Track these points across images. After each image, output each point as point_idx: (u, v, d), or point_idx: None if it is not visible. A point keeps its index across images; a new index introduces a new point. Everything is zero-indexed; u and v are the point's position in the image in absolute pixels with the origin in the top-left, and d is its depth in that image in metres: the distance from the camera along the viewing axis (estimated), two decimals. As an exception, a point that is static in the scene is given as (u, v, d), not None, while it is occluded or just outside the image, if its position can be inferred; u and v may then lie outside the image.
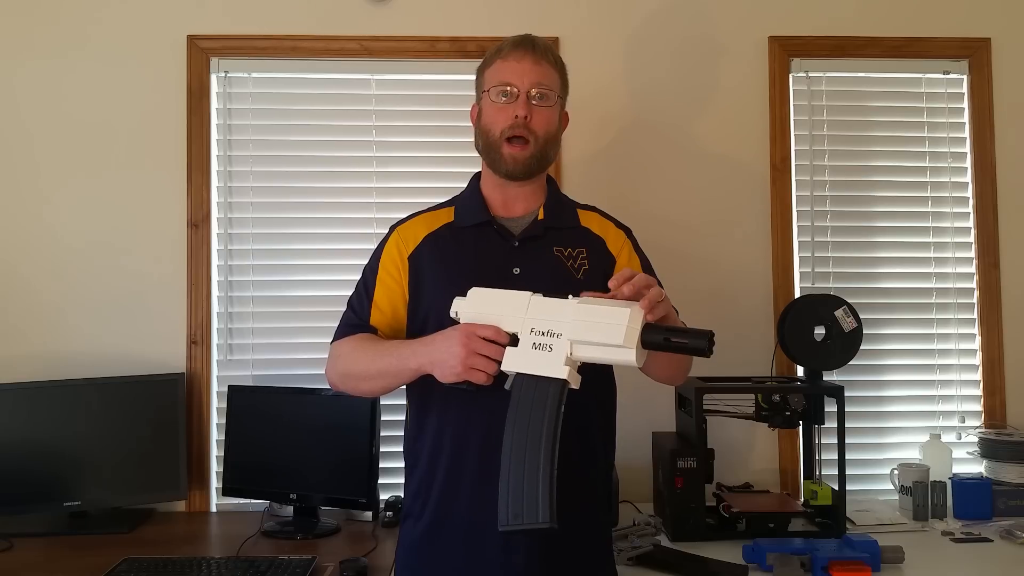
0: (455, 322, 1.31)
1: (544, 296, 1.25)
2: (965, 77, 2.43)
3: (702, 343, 1.14)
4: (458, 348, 1.24)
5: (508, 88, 1.44)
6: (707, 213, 2.38)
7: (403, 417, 1.58)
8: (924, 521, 2.08)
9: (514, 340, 1.24)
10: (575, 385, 1.21)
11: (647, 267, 1.55)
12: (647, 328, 1.17)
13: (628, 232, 1.57)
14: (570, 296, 1.23)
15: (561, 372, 1.19)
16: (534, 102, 1.44)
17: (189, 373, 2.27)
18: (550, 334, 1.21)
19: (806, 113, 2.41)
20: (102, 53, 2.32)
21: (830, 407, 2.04)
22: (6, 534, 2.01)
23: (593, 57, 2.36)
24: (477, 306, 1.29)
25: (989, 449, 2.22)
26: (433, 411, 1.43)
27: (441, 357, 1.27)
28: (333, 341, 1.51)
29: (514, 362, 1.22)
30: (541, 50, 1.46)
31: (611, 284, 1.21)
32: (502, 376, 1.24)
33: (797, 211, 2.40)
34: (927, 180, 2.43)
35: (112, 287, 2.29)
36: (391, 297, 1.48)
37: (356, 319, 1.49)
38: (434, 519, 1.42)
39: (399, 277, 1.48)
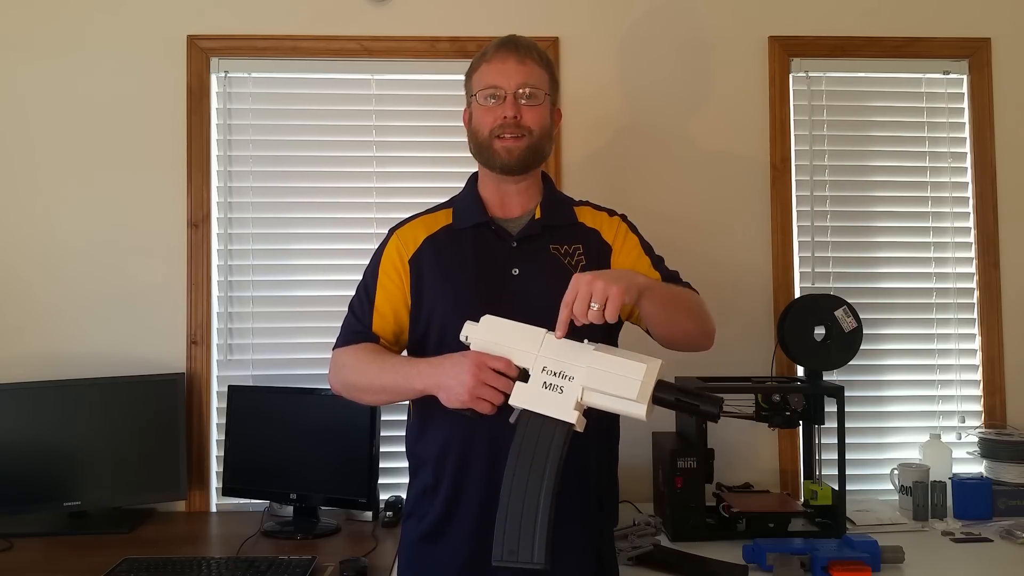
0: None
1: (557, 336, 1.23)
2: (965, 77, 2.43)
3: (712, 409, 1.18)
4: (467, 377, 1.23)
5: (495, 91, 1.44)
6: (707, 213, 2.38)
7: (403, 417, 1.58)
8: (924, 521, 2.08)
9: (523, 375, 1.24)
10: (580, 429, 1.21)
11: (645, 245, 1.54)
12: (659, 386, 1.19)
13: (622, 216, 1.56)
14: (586, 340, 1.23)
15: (570, 416, 1.20)
16: (522, 102, 1.43)
17: (189, 373, 2.27)
18: (562, 376, 1.21)
19: (806, 113, 2.40)
20: (102, 53, 2.32)
21: (830, 407, 2.04)
22: (6, 534, 2.01)
23: (593, 57, 2.36)
24: (489, 335, 1.28)
25: (989, 449, 2.22)
26: (438, 414, 1.42)
27: (448, 383, 1.26)
28: (336, 347, 1.50)
29: (523, 398, 1.22)
30: (524, 49, 1.45)
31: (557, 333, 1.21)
32: (506, 407, 1.24)
33: (797, 211, 2.39)
34: (927, 180, 2.43)
35: (112, 287, 2.29)
36: (392, 301, 1.47)
37: (358, 325, 1.49)
38: (437, 519, 1.42)
39: (400, 281, 1.47)
